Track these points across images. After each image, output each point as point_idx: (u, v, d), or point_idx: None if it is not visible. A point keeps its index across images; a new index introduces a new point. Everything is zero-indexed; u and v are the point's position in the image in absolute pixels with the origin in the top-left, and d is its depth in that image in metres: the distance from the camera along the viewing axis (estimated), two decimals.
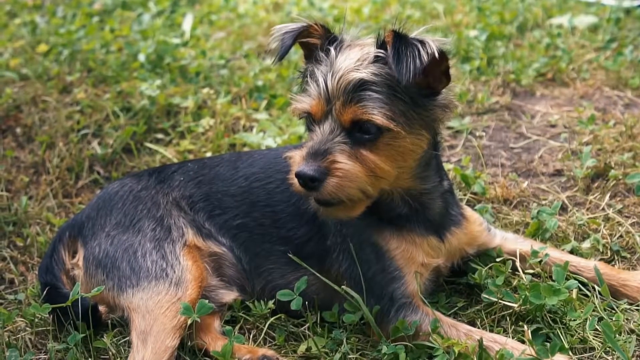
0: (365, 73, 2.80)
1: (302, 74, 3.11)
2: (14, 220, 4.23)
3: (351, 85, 2.79)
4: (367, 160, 2.80)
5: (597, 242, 3.55)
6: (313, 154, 2.78)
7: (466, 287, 3.41)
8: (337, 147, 2.78)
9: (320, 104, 2.85)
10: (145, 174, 3.62)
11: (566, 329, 3.04)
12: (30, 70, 5.83)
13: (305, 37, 3.03)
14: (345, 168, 2.76)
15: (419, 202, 3.12)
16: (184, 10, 7.66)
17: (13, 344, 3.21)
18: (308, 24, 3.00)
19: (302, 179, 2.76)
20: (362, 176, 2.79)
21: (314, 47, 3.03)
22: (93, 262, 3.31)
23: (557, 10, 6.73)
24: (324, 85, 2.84)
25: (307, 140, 2.97)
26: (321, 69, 2.89)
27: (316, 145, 2.80)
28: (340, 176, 2.75)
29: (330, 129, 2.81)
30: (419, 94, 2.87)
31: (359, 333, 3.17)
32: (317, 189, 2.75)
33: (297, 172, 2.76)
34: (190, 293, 3.13)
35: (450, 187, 3.30)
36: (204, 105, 5.18)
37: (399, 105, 2.81)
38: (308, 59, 3.10)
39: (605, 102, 5.05)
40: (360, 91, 2.79)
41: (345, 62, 2.84)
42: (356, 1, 7.62)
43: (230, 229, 3.40)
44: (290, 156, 2.89)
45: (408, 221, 3.13)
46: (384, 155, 2.83)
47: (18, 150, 4.90)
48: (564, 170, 4.27)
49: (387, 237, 3.11)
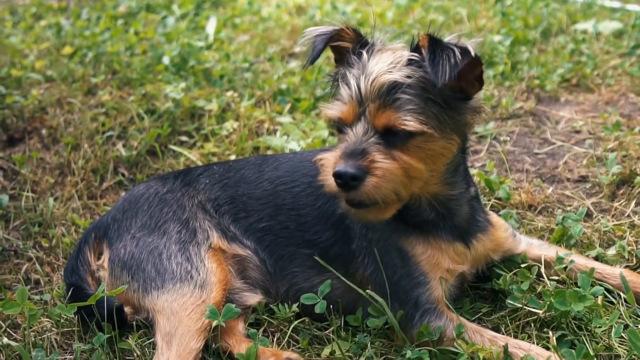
0: (398, 75, 2.79)
1: (332, 78, 3.11)
2: (39, 221, 4.26)
3: (385, 87, 2.78)
4: (401, 161, 2.79)
5: (622, 249, 3.53)
6: (350, 154, 2.75)
7: (490, 292, 3.40)
8: (373, 147, 2.77)
9: (352, 107, 2.83)
10: (171, 176, 3.64)
11: (591, 335, 3.03)
12: (55, 72, 5.88)
13: (337, 40, 3.02)
14: (385, 167, 2.74)
15: (446, 208, 3.12)
16: (208, 14, 7.70)
17: (39, 343, 3.23)
18: (340, 28, 3.00)
19: (343, 178, 2.72)
20: (399, 175, 2.77)
21: (345, 50, 3.02)
22: (118, 264, 3.32)
23: (582, 16, 6.71)
24: (356, 87, 2.82)
25: (337, 143, 2.97)
26: (353, 72, 2.88)
27: (351, 145, 2.78)
28: (380, 175, 2.73)
29: (364, 131, 2.79)
30: (452, 98, 2.87)
31: (383, 337, 3.17)
32: (356, 187, 2.73)
33: (337, 171, 2.73)
34: (214, 295, 3.13)
35: (476, 193, 3.29)
36: (228, 108, 5.20)
37: (432, 108, 2.81)
38: (339, 62, 3.09)
39: (630, 109, 5.02)
40: (393, 94, 2.78)
41: (378, 65, 2.84)
42: (380, 5, 7.63)
43: (255, 231, 3.41)
44: (323, 158, 2.87)
45: (434, 227, 3.12)
46: (415, 157, 2.82)
47: (43, 151, 4.94)
48: (589, 177, 4.25)
49: (413, 242, 3.11)
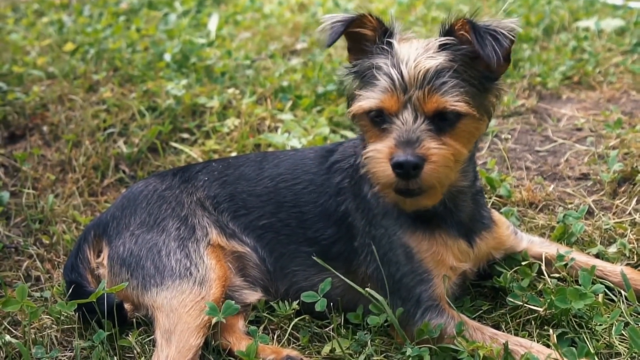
0: (442, 59, 2.80)
1: (352, 71, 3.06)
2: (40, 218, 4.26)
3: (431, 72, 2.78)
4: (451, 146, 2.81)
5: (623, 246, 3.53)
6: (406, 143, 2.74)
7: (491, 290, 3.39)
8: (426, 134, 2.77)
9: (396, 95, 2.81)
10: (170, 173, 3.64)
11: (592, 333, 3.02)
12: (57, 68, 5.87)
13: (358, 26, 2.99)
14: (440, 153, 2.75)
15: (453, 202, 3.12)
16: (210, 10, 7.69)
17: (39, 340, 3.24)
18: (362, 14, 2.98)
19: (404, 168, 2.71)
20: (451, 160, 2.80)
21: (363, 39, 3.01)
22: (117, 261, 3.32)
23: (584, 13, 6.69)
24: (398, 75, 2.80)
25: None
26: (386, 61, 2.86)
27: (405, 134, 2.76)
28: (436, 161, 2.74)
29: (414, 118, 2.78)
30: (486, 78, 2.91)
31: (384, 335, 3.16)
32: (416, 176, 2.73)
33: (397, 161, 2.72)
34: (214, 292, 3.13)
35: (481, 187, 3.31)
36: (229, 105, 5.20)
37: (472, 89, 2.84)
38: (352, 52, 3.07)
39: (632, 106, 5.01)
40: (440, 78, 2.78)
41: (413, 52, 2.84)
42: (382, 2, 7.61)
43: (254, 229, 3.41)
44: (373, 150, 2.82)
45: (442, 221, 3.12)
46: (459, 139, 2.85)
47: (45, 148, 4.93)
48: (590, 174, 4.24)
49: (420, 237, 3.10)
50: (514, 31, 2.84)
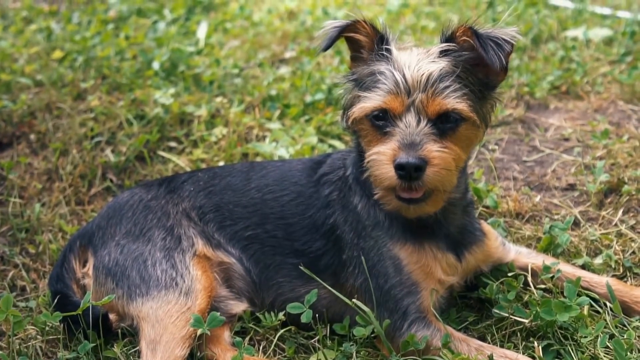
0: (443, 64, 2.86)
1: (350, 79, 3.11)
2: (26, 227, 4.24)
3: (434, 76, 2.83)
4: (452, 150, 2.85)
5: (609, 258, 3.54)
6: (408, 145, 2.79)
7: (477, 301, 3.40)
8: (428, 137, 2.81)
9: (400, 97, 2.86)
10: (155, 183, 3.63)
11: (577, 345, 3.03)
12: (45, 76, 5.85)
13: (352, 32, 3.04)
14: (442, 156, 2.80)
15: (443, 214, 3.13)
16: (199, 18, 7.68)
17: (24, 351, 3.23)
18: (355, 20, 3.03)
19: (406, 169, 2.75)
20: (453, 164, 2.84)
21: (359, 46, 3.07)
22: (103, 271, 3.31)
23: (572, 23, 6.71)
24: (401, 78, 2.86)
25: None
26: (388, 66, 2.92)
27: (408, 137, 2.81)
28: (438, 164, 2.78)
29: (417, 121, 2.83)
30: (485, 86, 2.97)
31: (369, 346, 3.16)
32: (418, 178, 2.76)
33: (399, 163, 2.76)
34: (199, 303, 3.13)
35: (472, 200, 3.33)
36: (217, 114, 5.19)
37: (472, 95, 2.89)
38: (354, 60, 3.12)
39: (619, 116, 5.02)
40: (443, 81, 2.84)
41: (414, 58, 2.91)
42: (371, 11, 7.62)
43: (240, 240, 3.40)
44: (377, 152, 2.86)
45: (431, 233, 3.13)
46: (460, 144, 2.89)
47: (32, 156, 4.91)
48: (576, 185, 4.25)
49: (409, 250, 3.11)
50: (515, 38, 2.90)
